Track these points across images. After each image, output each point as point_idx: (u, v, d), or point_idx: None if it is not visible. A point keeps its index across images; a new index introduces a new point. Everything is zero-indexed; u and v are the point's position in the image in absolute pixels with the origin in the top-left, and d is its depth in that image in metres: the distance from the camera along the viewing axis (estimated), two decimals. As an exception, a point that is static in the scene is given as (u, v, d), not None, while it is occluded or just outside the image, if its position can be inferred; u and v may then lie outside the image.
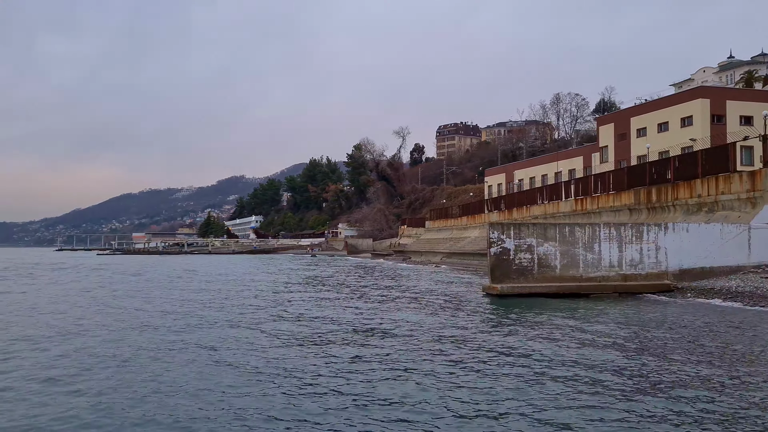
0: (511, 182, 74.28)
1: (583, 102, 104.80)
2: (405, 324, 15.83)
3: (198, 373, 10.26)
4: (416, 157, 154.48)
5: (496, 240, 22.11)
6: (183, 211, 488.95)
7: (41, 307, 21.45)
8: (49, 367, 10.95)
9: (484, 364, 10.65)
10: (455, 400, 8.40)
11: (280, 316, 17.99)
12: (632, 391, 8.75)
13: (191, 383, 9.60)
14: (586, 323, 15.32)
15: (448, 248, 57.60)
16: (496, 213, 53.15)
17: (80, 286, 32.14)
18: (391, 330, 14.83)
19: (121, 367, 10.82)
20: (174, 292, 27.42)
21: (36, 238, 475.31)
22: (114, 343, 13.42)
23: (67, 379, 10.01)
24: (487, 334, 14.07)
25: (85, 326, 16.26)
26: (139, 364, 11.15)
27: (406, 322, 16.13)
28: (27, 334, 14.92)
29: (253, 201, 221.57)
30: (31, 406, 8.45)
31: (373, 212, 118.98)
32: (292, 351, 12.23)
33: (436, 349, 12.20)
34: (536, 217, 43.34)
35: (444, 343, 12.89)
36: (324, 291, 27.71)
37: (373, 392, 8.91)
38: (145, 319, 17.70)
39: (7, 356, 12.06)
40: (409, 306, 20.31)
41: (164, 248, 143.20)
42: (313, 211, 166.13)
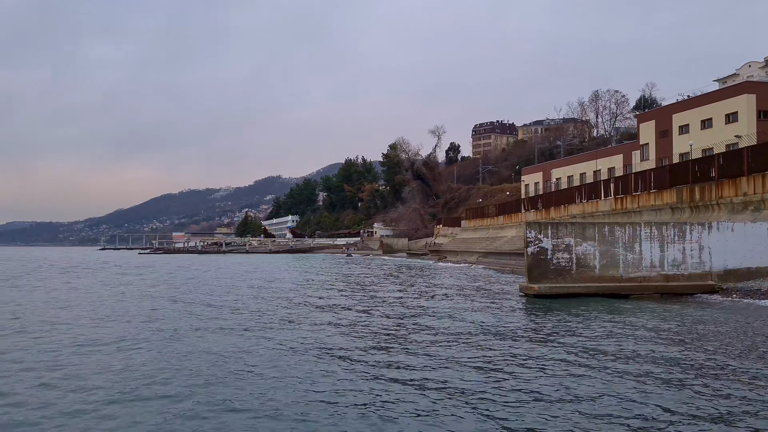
0: (548, 181, 73.34)
1: (622, 99, 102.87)
2: (443, 323, 15.81)
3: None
4: (452, 156, 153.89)
5: (533, 239, 21.87)
6: (221, 211, 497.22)
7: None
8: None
9: (522, 366, 10.57)
10: (492, 403, 8.36)
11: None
12: (681, 396, 8.56)
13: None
14: (629, 325, 15.03)
15: (485, 248, 57.18)
16: (533, 212, 52.53)
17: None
18: (429, 329, 14.82)
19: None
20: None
21: (80, 238, 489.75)
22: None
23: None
24: (525, 334, 13.94)
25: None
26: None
27: (445, 321, 16.10)
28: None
29: (290, 201, 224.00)
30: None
31: (408, 212, 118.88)
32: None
33: (475, 348, 12.15)
34: (574, 217, 42.67)
35: (482, 343, 12.82)
36: (364, 289, 27.85)
37: (407, 393, 8.94)
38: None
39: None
40: (446, 305, 20.26)
41: (203, 247, 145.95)
42: (349, 210, 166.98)
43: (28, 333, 14.85)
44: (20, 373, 10.36)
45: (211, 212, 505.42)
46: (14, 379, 9.88)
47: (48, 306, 21.38)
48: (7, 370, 10.59)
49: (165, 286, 31.09)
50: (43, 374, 10.21)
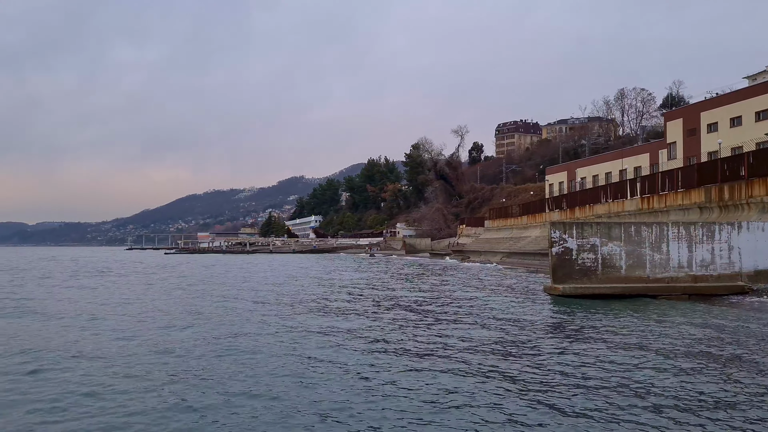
0: (573, 180, 72.58)
1: (649, 97, 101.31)
2: (467, 324, 15.76)
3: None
4: (475, 155, 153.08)
5: (557, 239, 21.67)
6: (245, 211, 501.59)
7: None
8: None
9: (548, 368, 10.48)
10: (516, 406, 8.31)
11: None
12: (715, 403, 8.42)
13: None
14: (657, 326, 14.81)
15: (508, 248, 56.81)
16: (557, 212, 52.04)
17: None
18: (453, 330, 14.79)
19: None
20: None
21: (108, 238, 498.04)
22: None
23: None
24: (550, 335, 13.83)
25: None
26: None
27: (469, 322, 16.06)
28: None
29: (313, 201, 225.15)
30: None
31: (431, 212, 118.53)
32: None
33: (500, 349, 12.10)
34: (600, 216, 42.16)
35: (507, 345, 12.75)
36: (388, 289, 27.88)
37: (430, 395, 8.93)
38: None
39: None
40: (470, 306, 20.19)
41: (227, 248, 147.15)
42: (372, 210, 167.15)
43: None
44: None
45: (236, 212, 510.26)
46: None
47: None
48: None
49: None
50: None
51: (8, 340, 13.97)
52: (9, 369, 10.78)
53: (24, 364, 11.13)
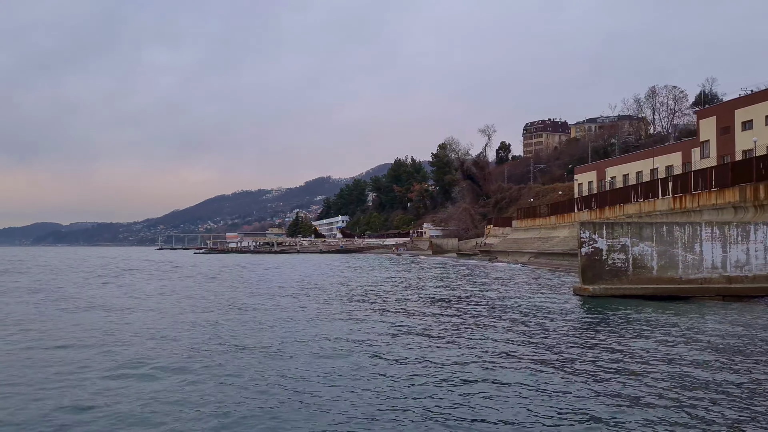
0: (602, 180, 71.55)
1: (681, 95, 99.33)
2: (496, 324, 15.67)
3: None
4: (502, 155, 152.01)
5: (587, 240, 21.40)
6: (273, 211, 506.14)
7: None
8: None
9: (578, 371, 10.36)
10: (544, 409, 8.23)
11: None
12: (746, 404, 8.24)
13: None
14: (691, 328, 14.52)
15: (536, 248, 56.27)
16: (586, 212, 51.37)
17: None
18: (482, 331, 14.72)
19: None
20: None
21: (139, 238, 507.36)
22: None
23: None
24: (581, 336, 13.66)
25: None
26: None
27: (497, 322, 15.96)
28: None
29: (340, 201, 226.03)
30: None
31: (458, 212, 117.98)
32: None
33: (529, 350, 12.00)
34: (630, 216, 41.49)
35: (536, 345, 12.65)
36: (416, 288, 27.86)
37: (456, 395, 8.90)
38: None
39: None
40: (498, 306, 20.06)
41: (255, 248, 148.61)
42: (398, 210, 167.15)
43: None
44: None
45: (263, 213, 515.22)
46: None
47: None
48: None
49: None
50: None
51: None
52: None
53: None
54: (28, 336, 14.42)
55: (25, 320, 17.41)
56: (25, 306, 21.45)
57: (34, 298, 24.42)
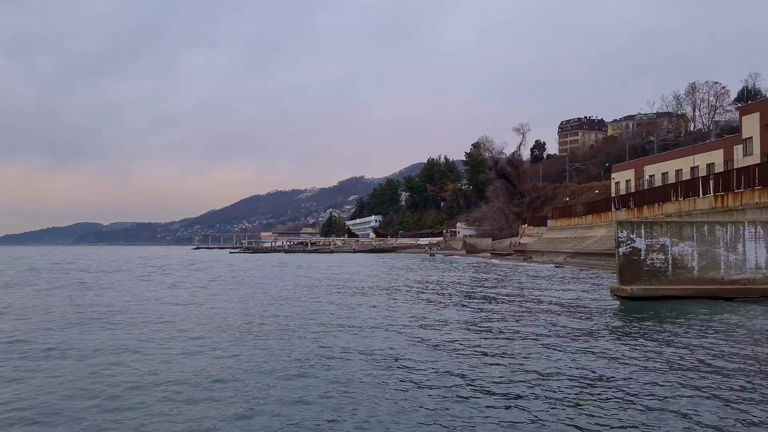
0: (640, 178, 70.12)
1: (722, 91, 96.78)
2: (532, 324, 15.53)
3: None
4: (537, 154, 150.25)
5: (625, 239, 21.00)
6: (306, 211, 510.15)
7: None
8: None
9: (617, 374, 10.21)
10: (583, 416, 8.13)
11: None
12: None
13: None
14: (738, 328, 14.15)
15: (572, 248, 55.48)
16: (624, 211, 50.43)
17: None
18: (517, 332, 14.61)
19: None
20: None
21: (176, 237, 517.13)
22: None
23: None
24: (621, 338, 13.42)
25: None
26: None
27: (533, 322, 15.82)
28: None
29: (373, 201, 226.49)
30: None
31: (492, 211, 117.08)
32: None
33: (568, 352, 11.87)
34: (669, 216, 40.59)
35: (574, 347, 12.49)
36: (452, 289, 27.81)
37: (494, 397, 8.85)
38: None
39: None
40: (534, 307, 19.88)
41: (289, 247, 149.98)
42: (431, 210, 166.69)
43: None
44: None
45: (297, 212, 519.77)
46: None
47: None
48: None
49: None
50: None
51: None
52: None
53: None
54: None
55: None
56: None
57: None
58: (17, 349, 12.58)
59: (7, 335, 14.39)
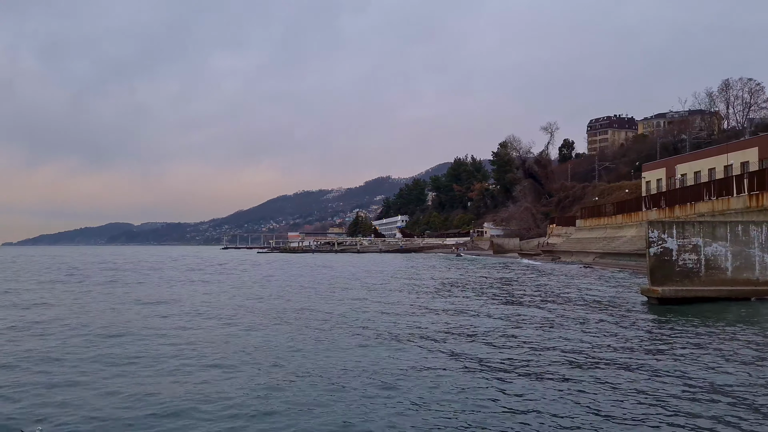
0: (672, 177, 68.81)
1: (757, 87, 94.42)
2: (562, 326, 15.41)
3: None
4: (565, 153, 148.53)
5: (656, 239, 20.67)
6: (333, 211, 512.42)
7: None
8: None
9: (651, 378, 10.08)
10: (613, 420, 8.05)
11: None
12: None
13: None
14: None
15: (601, 248, 54.77)
16: (654, 211, 49.62)
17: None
18: (546, 333, 14.51)
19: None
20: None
21: (205, 237, 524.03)
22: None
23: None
24: (653, 340, 13.21)
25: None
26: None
27: (564, 324, 15.69)
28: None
29: (399, 201, 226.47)
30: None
31: (519, 211, 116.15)
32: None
33: (597, 355, 11.76)
34: (702, 215, 39.81)
35: (606, 349, 12.36)
36: (480, 290, 27.72)
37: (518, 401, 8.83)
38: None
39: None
40: (564, 308, 19.71)
41: (317, 247, 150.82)
42: (458, 210, 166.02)
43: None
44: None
45: (324, 212, 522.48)
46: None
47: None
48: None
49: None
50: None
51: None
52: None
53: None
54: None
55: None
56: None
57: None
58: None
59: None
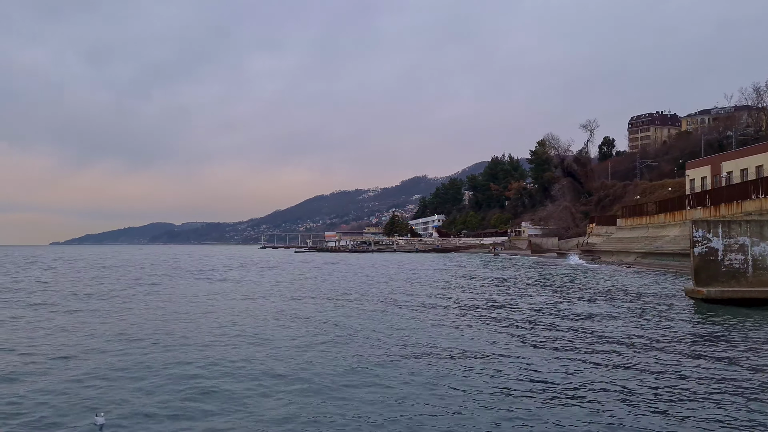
0: (717, 175, 66.79)
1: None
2: (605, 328, 15.15)
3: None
4: (605, 151, 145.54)
5: (700, 239, 20.14)
6: (369, 211, 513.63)
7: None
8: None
9: (696, 380, 9.83)
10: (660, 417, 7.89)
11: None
12: None
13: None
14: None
15: (643, 248, 53.55)
16: (699, 209, 48.26)
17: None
18: (590, 335, 14.29)
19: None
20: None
21: (244, 237, 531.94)
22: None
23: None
24: (698, 343, 12.88)
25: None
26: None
27: (606, 326, 15.42)
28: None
29: (435, 200, 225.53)
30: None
31: (558, 210, 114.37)
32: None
33: (641, 358, 11.52)
34: (749, 214, 38.54)
35: (649, 352, 12.11)
36: (514, 291, 27.46)
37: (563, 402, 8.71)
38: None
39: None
40: (606, 309, 19.36)
41: (353, 246, 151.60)
42: (495, 209, 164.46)
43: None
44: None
45: (360, 212, 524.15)
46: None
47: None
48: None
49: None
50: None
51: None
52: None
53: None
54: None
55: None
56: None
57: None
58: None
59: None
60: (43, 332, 15.03)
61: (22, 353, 12.20)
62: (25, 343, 13.36)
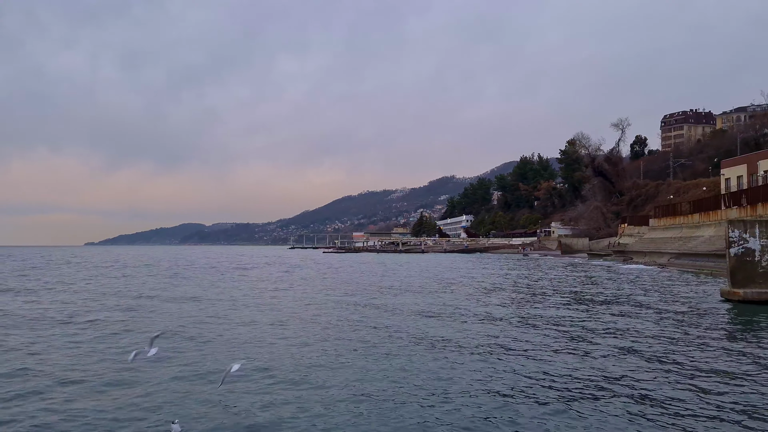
0: (754, 174, 65.27)
1: None
2: (638, 329, 15.02)
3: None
4: (637, 150, 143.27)
5: (737, 239, 19.80)
6: (397, 211, 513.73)
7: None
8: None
9: (732, 384, 9.72)
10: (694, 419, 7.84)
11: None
12: None
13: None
14: None
15: (677, 248, 52.59)
16: (735, 209, 47.23)
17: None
18: (623, 337, 14.19)
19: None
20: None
21: (273, 237, 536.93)
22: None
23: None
24: (735, 346, 12.64)
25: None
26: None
27: (640, 327, 15.28)
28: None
29: (464, 201, 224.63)
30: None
31: (588, 210, 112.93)
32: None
33: (676, 362, 11.42)
34: (788, 214, 37.61)
35: (684, 354, 11.98)
36: (549, 291, 27.33)
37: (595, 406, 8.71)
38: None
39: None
40: (640, 311, 19.16)
41: (381, 247, 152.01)
42: (524, 209, 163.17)
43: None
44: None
45: (388, 212, 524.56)
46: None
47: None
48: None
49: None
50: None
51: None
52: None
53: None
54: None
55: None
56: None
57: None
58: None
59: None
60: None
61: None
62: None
